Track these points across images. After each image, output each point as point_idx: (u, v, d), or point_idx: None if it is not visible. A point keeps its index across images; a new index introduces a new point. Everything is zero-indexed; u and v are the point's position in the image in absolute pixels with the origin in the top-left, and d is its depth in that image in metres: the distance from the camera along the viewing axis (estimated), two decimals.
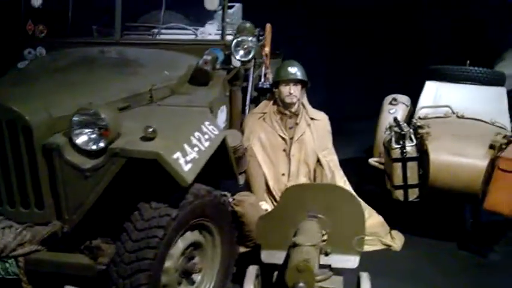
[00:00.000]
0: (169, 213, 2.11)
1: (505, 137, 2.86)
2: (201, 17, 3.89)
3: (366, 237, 3.06)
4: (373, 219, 3.15)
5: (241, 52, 3.03)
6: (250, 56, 3.04)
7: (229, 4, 4.73)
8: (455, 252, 3.14)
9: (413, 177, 2.89)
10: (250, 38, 3.03)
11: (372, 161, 3.46)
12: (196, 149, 2.23)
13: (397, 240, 3.17)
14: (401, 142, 2.86)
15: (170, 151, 2.06)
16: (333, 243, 2.36)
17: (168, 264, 2.17)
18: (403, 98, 3.84)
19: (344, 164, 4.45)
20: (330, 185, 2.73)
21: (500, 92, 3.61)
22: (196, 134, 2.31)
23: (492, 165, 2.74)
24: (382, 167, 3.33)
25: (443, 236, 3.26)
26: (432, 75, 4.08)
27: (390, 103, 3.80)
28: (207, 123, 2.45)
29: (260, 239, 2.47)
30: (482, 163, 2.77)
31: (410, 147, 2.86)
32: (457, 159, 2.81)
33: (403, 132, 2.86)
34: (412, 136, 2.89)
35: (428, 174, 2.85)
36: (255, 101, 3.77)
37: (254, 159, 3.09)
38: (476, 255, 3.10)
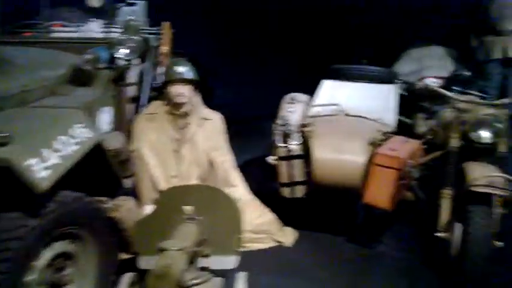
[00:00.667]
0: (27, 224, 1.98)
1: (384, 134, 2.98)
2: (99, 14, 3.75)
3: (258, 235, 3.13)
4: (265, 217, 3.18)
5: (125, 51, 2.93)
6: (134, 55, 2.95)
7: (132, 1, 4.61)
8: (344, 245, 3.24)
9: (299, 175, 2.94)
10: (134, 37, 2.94)
11: (269, 159, 3.48)
12: (59, 153, 2.11)
13: (289, 237, 3.21)
14: (286, 140, 2.90)
15: (22, 157, 1.92)
16: (212, 244, 2.34)
17: (30, 277, 2.04)
18: (302, 97, 3.89)
19: (250, 163, 4.50)
20: (207, 186, 2.71)
21: (390, 89, 3.76)
22: (61, 137, 2.18)
23: (371, 161, 2.84)
24: None
25: (336, 230, 3.35)
26: (332, 74, 4.20)
27: (289, 102, 3.84)
28: (77, 125, 2.33)
29: (137, 244, 2.40)
30: (362, 159, 2.86)
31: (295, 146, 2.91)
32: (339, 156, 2.89)
33: (287, 131, 2.90)
34: (298, 134, 2.94)
35: (313, 171, 2.91)
36: None
37: (142, 162, 3.01)
38: (363, 247, 3.21)
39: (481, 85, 4.76)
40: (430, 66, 4.64)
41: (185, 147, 3.08)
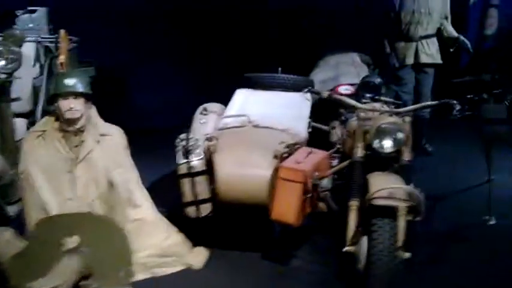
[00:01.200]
0: None
1: (289, 145, 2.88)
2: None
3: (166, 259, 2.92)
4: (172, 238, 2.97)
5: (2, 62, 2.64)
6: (16, 67, 2.67)
7: (32, 8, 4.30)
8: (260, 262, 3.09)
9: (203, 192, 2.76)
10: (13, 47, 2.66)
11: None
12: None
13: (199, 258, 3.03)
14: (188, 156, 2.71)
15: None
16: (100, 277, 2.12)
17: None
18: (215, 107, 3.74)
19: (163, 179, 4.28)
20: (92, 214, 2.48)
21: (303, 97, 3.69)
22: None
23: (275, 175, 2.72)
24: None
25: (251, 247, 3.21)
26: (246, 82, 4.09)
27: (201, 113, 3.67)
28: None
29: (15, 281, 2.12)
30: (267, 173, 2.74)
31: (196, 162, 2.73)
32: (244, 170, 2.75)
33: (187, 147, 2.72)
34: (200, 149, 2.76)
35: (217, 188, 2.75)
36: None
37: (31, 185, 2.71)
38: (279, 263, 3.08)
39: (394, 91, 4.86)
40: (346, 73, 4.65)
41: (80, 167, 2.82)
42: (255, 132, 3.10)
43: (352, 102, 2.86)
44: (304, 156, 2.73)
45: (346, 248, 2.58)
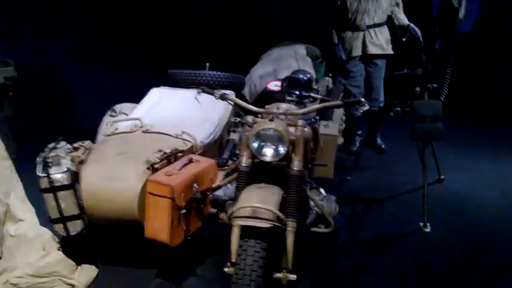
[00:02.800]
0: None
1: (165, 154, 2.56)
2: None
3: (43, 280, 2.64)
4: (51, 256, 2.68)
5: None
6: None
7: None
8: (151, 280, 2.79)
9: (70, 208, 2.45)
10: None
11: None
12: None
13: (83, 277, 2.74)
14: (47, 169, 2.41)
15: None
16: None
17: None
18: (126, 108, 3.44)
19: None
20: None
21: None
22: None
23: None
24: None
25: (149, 263, 2.91)
26: (170, 80, 3.81)
27: (110, 115, 3.39)
28: None
29: None
30: (135, 186, 2.42)
31: (58, 175, 2.42)
32: (109, 183, 2.43)
33: (45, 158, 2.42)
34: (64, 160, 2.45)
35: (83, 203, 2.46)
36: None
37: None
38: (172, 282, 2.78)
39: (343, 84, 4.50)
40: (286, 67, 4.33)
41: None
42: (141, 138, 2.79)
43: (244, 104, 2.52)
44: (180, 166, 2.41)
45: (226, 269, 2.26)
